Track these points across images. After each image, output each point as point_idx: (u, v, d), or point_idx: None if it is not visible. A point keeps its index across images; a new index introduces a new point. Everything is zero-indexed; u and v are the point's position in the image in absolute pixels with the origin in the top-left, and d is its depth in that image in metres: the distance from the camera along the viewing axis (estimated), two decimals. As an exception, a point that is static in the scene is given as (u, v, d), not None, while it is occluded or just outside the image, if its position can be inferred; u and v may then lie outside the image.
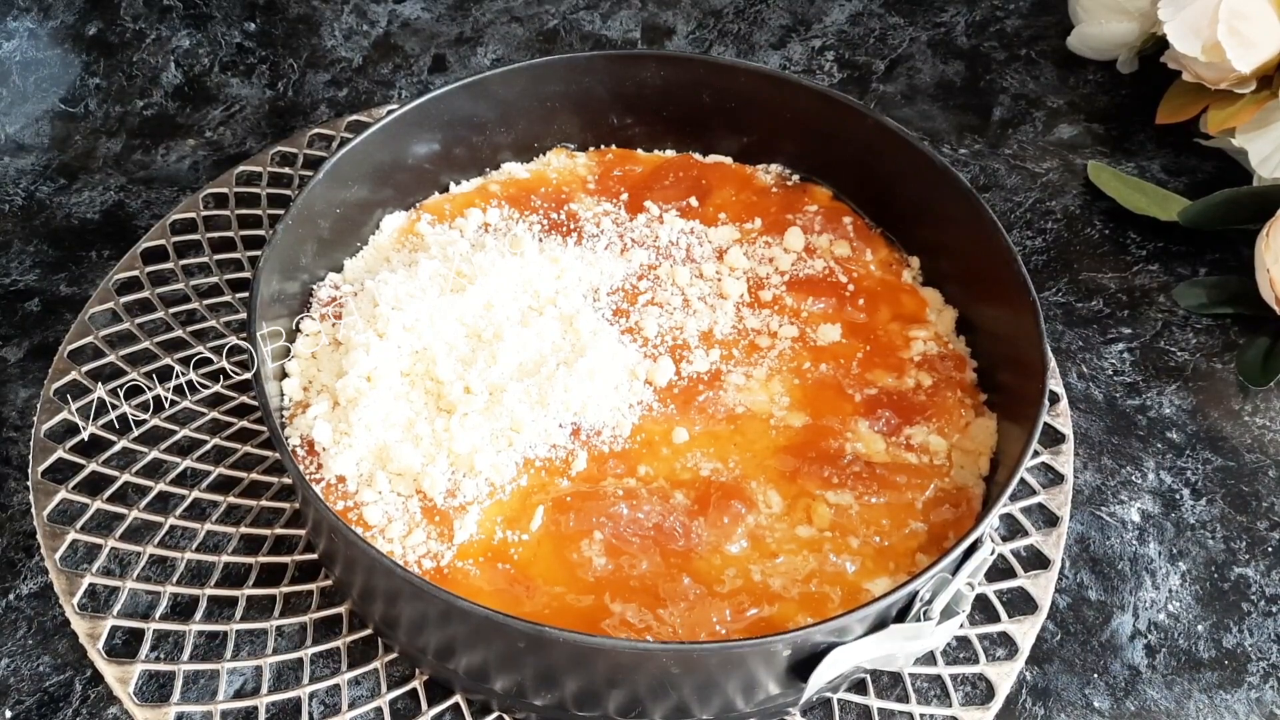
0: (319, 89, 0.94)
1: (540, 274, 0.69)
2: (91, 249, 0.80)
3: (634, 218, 0.76)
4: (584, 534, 0.59)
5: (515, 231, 0.73)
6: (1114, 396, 0.76)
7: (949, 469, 0.65)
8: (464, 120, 0.75)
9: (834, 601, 0.58)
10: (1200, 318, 0.81)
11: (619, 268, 0.73)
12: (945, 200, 0.70)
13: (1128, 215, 0.87)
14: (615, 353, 0.66)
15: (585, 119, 0.80)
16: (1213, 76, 0.85)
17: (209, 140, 0.90)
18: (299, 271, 0.68)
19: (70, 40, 0.95)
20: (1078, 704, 0.62)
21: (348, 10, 1.00)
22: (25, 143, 0.88)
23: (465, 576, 0.58)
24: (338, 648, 0.61)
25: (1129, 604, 0.67)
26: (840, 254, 0.75)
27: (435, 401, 0.63)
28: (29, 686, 0.60)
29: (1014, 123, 0.95)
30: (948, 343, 0.71)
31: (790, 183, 0.79)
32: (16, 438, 0.70)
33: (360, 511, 0.59)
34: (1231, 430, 0.75)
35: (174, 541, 0.64)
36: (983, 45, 1.02)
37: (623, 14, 1.02)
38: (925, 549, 0.61)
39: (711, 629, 0.56)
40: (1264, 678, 0.64)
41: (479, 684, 0.57)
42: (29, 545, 0.65)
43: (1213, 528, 0.70)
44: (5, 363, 0.74)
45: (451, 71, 0.97)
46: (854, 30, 1.03)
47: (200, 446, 0.68)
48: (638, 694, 0.54)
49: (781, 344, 0.70)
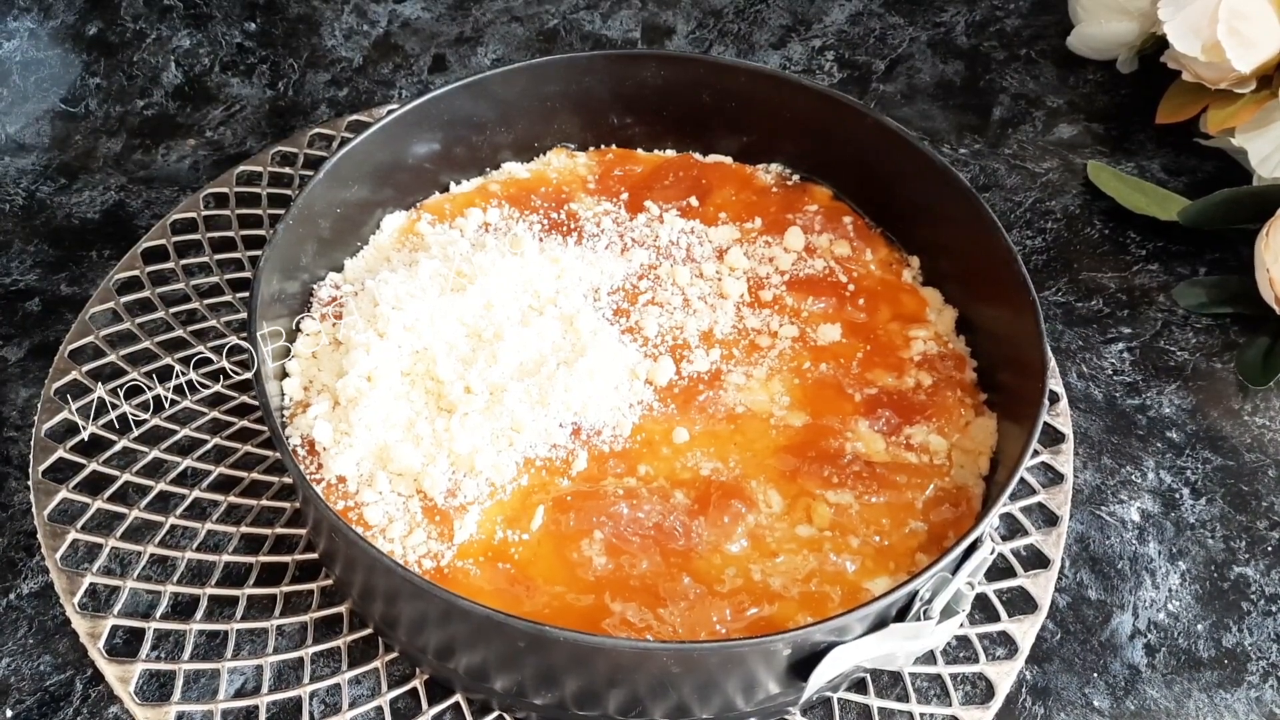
0: (319, 89, 0.95)
1: (540, 274, 0.69)
2: (92, 249, 0.80)
3: (634, 217, 0.76)
4: (584, 533, 0.59)
5: (515, 231, 0.73)
6: (1114, 396, 0.76)
7: (949, 468, 0.65)
8: (464, 120, 0.75)
9: (834, 601, 0.58)
10: (1200, 317, 0.81)
11: (619, 267, 0.73)
12: (945, 200, 0.70)
13: (1127, 215, 0.87)
14: (616, 352, 0.66)
15: (585, 119, 0.80)
16: (1212, 76, 0.85)
17: (209, 140, 0.90)
18: (299, 271, 0.68)
19: (70, 40, 0.95)
20: (1077, 703, 0.62)
21: (348, 10, 1.00)
22: (26, 142, 0.88)
23: (465, 576, 0.58)
24: (338, 647, 0.61)
25: (1129, 603, 0.67)
26: (840, 254, 0.75)
27: (436, 401, 0.63)
28: (30, 686, 0.60)
29: (1014, 122, 0.95)
30: (948, 342, 0.71)
31: (790, 182, 0.80)
32: (17, 437, 0.70)
33: (360, 511, 0.59)
34: (1231, 430, 0.75)
35: (174, 541, 0.64)
36: (983, 45, 1.02)
37: (623, 14, 1.02)
38: (925, 548, 0.61)
39: (711, 628, 0.57)
40: (1264, 677, 0.64)
41: (479, 683, 0.57)
42: (30, 545, 0.65)
43: (1212, 527, 0.70)
44: (6, 362, 0.74)
45: (452, 71, 0.97)
46: (854, 30, 1.03)
47: (201, 446, 0.68)
48: (638, 693, 0.54)
49: (781, 343, 0.70)
